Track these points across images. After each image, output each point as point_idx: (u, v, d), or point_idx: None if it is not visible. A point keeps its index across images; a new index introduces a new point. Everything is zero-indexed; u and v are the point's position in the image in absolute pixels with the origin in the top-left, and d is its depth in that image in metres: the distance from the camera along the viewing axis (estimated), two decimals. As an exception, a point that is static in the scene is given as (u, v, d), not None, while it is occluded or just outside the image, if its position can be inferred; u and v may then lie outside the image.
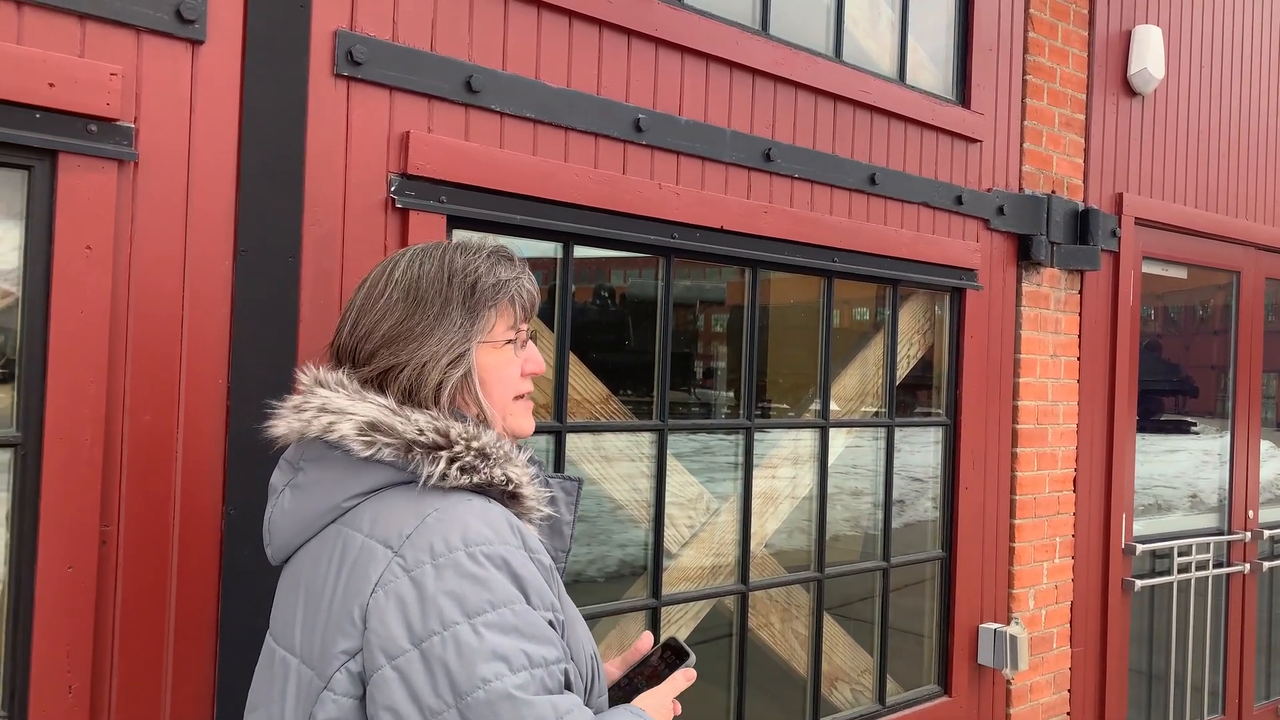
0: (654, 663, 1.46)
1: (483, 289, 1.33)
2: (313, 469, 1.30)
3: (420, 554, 1.15)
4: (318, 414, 1.26)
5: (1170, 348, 4.97)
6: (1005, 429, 3.61)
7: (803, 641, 3.06)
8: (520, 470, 1.29)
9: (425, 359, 1.29)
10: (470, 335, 1.32)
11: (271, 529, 1.35)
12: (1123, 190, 4.01)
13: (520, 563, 1.18)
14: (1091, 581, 3.92)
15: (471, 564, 1.14)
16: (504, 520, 1.22)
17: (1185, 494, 4.73)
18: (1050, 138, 3.76)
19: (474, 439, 1.25)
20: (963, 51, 3.46)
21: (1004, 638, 3.38)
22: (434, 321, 1.30)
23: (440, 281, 1.32)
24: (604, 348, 2.72)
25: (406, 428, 1.23)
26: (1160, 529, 4.42)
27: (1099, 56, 3.91)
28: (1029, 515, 3.67)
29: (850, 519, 3.32)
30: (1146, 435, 4.72)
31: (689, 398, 3.03)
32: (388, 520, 1.21)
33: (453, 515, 1.19)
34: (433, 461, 1.21)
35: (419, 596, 1.13)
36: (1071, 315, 3.85)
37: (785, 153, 2.86)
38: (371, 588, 1.15)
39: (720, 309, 3.06)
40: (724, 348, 3.08)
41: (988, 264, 3.53)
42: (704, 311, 3.07)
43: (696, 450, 2.93)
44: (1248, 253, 4.64)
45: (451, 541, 1.16)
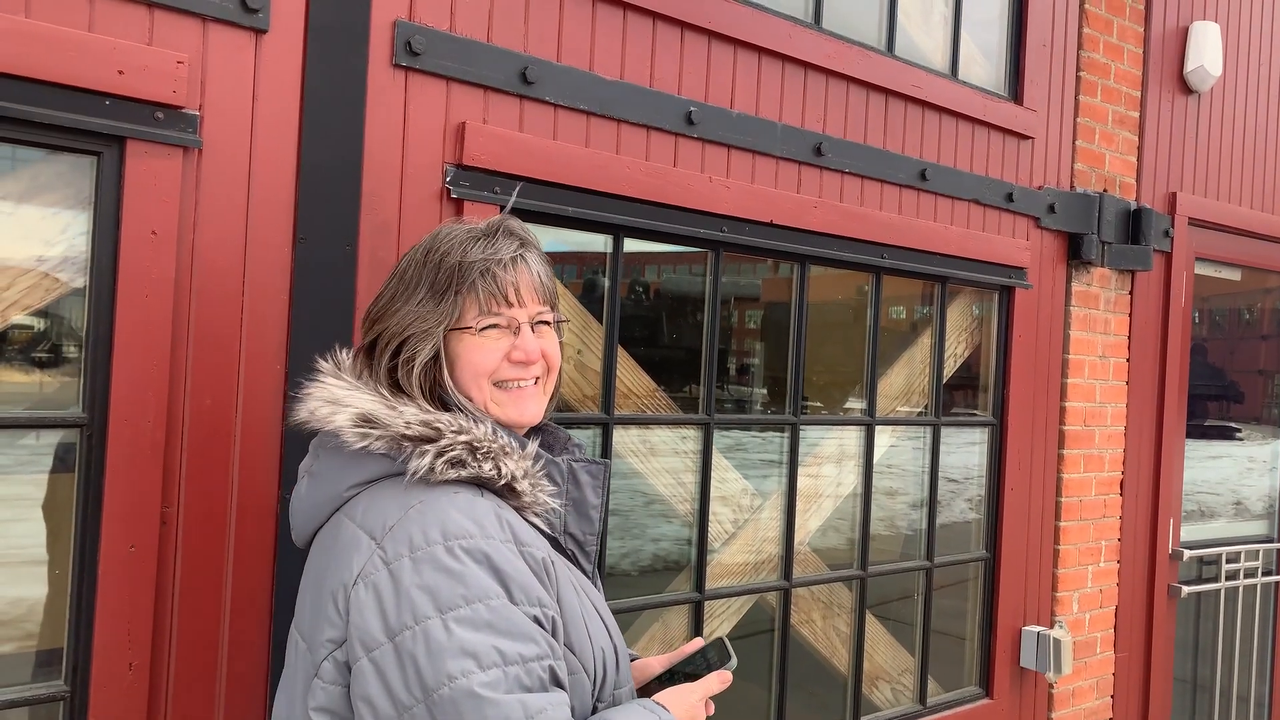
0: (698, 661, 1.44)
1: (447, 270, 1.33)
2: (324, 457, 1.33)
3: (399, 546, 1.16)
4: (321, 404, 1.29)
5: (1216, 352, 4.87)
6: (1052, 430, 3.57)
7: (844, 640, 3.04)
8: (516, 464, 1.27)
9: (396, 332, 1.33)
10: (438, 317, 1.32)
11: (292, 514, 1.40)
12: (1176, 190, 3.94)
13: (503, 557, 1.17)
14: (1137, 586, 3.86)
15: (448, 558, 1.14)
16: (491, 513, 1.20)
17: (1229, 500, 4.64)
18: (1103, 135, 3.70)
19: (463, 432, 1.25)
20: (1016, 47, 3.42)
21: (1047, 641, 3.34)
22: (407, 298, 1.34)
23: (418, 261, 1.37)
24: (651, 342, 2.72)
25: (395, 420, 1.24)
26: (1203, 535, 4.35)
27: (1154, 53, 3.84)
28: (1074, 518, 3.62)
29: (893, 518, 3.30)
30: (1190, 440, 4.64)
31: (734, 393, 3.02)
32: (376, 511, 1.22)
33: (435, 508, 1.18)
34: (420, 455, 1.22)
35: (394, 590, 1.13)
36: (1121, 316, 3.80)
37: (836, 147, 2.84)
38: (354, 578, 1.17)
39: (767, 305, 3.05)
40: (770, 344, 3.07)
41: (1037, 262, 3.48)
42: (751, 307, 3.06)
43: (741, 446, 2.92)
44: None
45: (430, 535, 1.15)
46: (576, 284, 2.51)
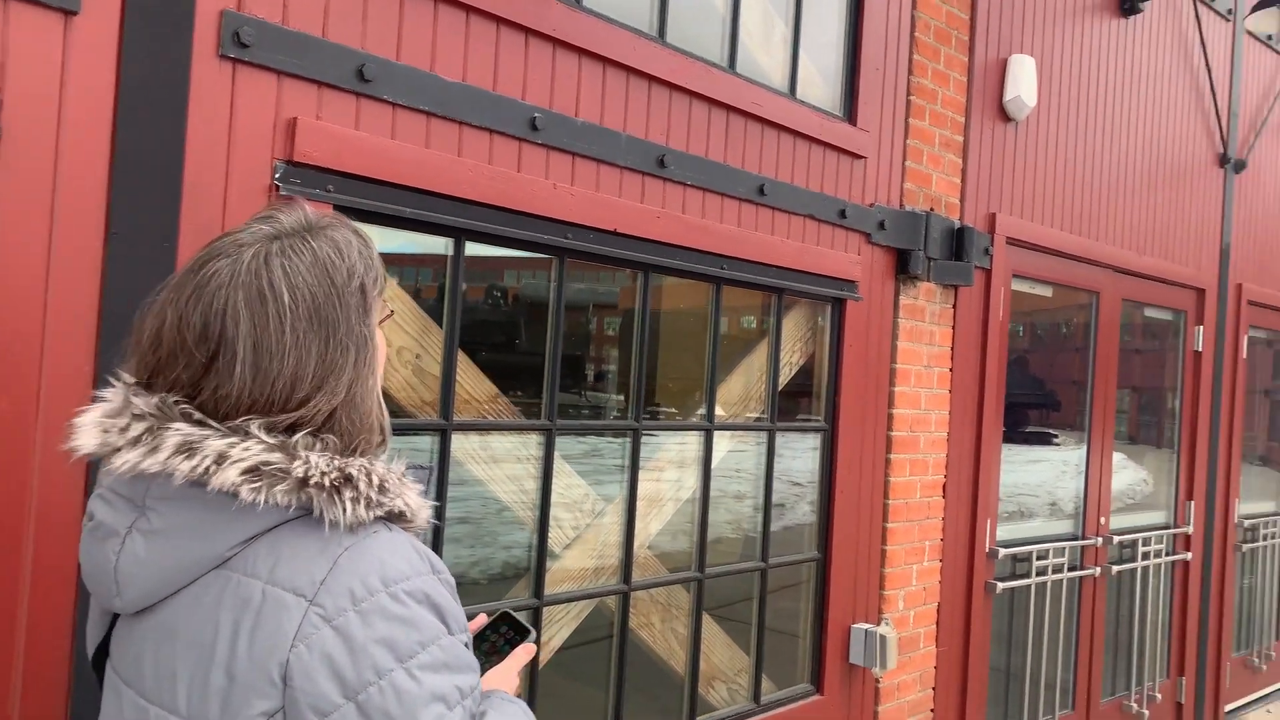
0: (491, 638, 1.44)
1: (370, 286, 1.21)
2: (171, 512, 1.13)
3: (340, 600, 1.08)
4: (179, 454, 1.09)
5: (1036, 363, 5.25)
6: (880, 435, 3.75)
7: (682, 641, 3.10)
8: (414, 496, 1.21)
9: (358, 392, 1.17)
10: (372, 342, 1.21)
11: (120, 579, 1.15)
12: (996, 211, 4.22)
13: (436, 591, 1.14)
14: (957, 584, 4.10)
15: (396, 605, 1.09)
16: (411, 548, 1.16)
17: (1046, 501, 5.00)
18: (931, 157, 3.92)
19: (372, 473, 1.15)
20: (851, 70, 3.58)
21: (874, 637, 3.51)
22: (346, 345, 1.16)
23: (335, 295, 1.17)
24: (494, 347, 2.70)
25: (298, 468, 1.10)
26: (1023, 534, 4.67)
27: (977, 82, 4.10)
28: (901, 519, 3.82)
29: (732, 521, 3.39)
30: (1013, 445, 4.98)
31: (578, 399, 3.04)
32: (293, 565, 1.11)
33: (366, 554, 1.11)
34: (336, 503, 1.11)
35: (348, 647, 1.06)
36: (945, 328, 4.03)
37: (678, 159, 2.90)
38: (290, 643, 1.07)
39: (611, 312, 3.09)
40: (614, 350, 3.10)
41: (868, 276, 3.66)
42: (596, 314, 3.08)
43: (585, 452, 2.94)
44: (1106, 274, 4.94)
45: (371, 584, 1.09)
46: (416, 287, 2.47)
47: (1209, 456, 5.67)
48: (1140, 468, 5.71)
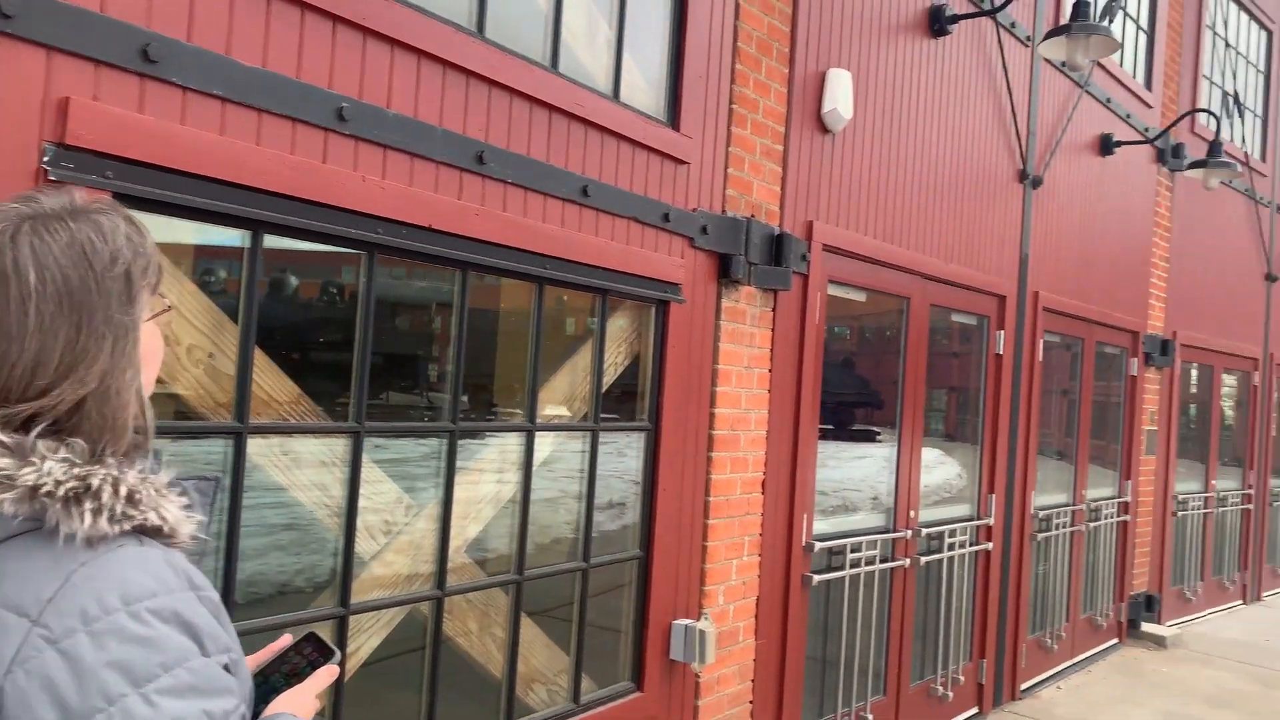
0: (294, 659, 1.39)
1: (139, 275, 1.13)
2: None
3: (69, 620, 0.99)
4: None
5: (863, 364, 5.49)
6: (702, 435, 3.83)
7: (501, 645, 3.07)
8: (174, 510, 1.13)
9: (112, 384, 1.08)
10: (134, 332, 1.13)
11: None
12: (813, 219, 4.38)
13: (191, 610, 1.07)
14: (775, 577, 4.24)
15: (136, 625, 1.01)
16: (164, 563, 1.08)
17: (868, 495, 5.24)
18: (752, 165, 4.03)
19: (119, 483, 1.07)
20: (675, 76, 3.64)
21: (694, 633, 3.58)
22: (103, 332, 1.09)
23: (92, 280, 1.09)
24: (299, 346, 2.59)
25: (27, 475, 1.01)
26: (847, 527, 4.89)
27: (797, 93, 4.25)
28: (721, 516, 3.91)
29: (555, 522, 3.38)
30: (840, 442, 5.20)
31: (392, 400, 2.96)
32: (19, 582, 1.02)
33: (105, 569, 1.03)
34: (73, 515, 1.02)
35: (74, 671, 0.98)
36: (765, 331, 4.16)
37: (498, 157, 2.87)
38: (6, 668, 0.98)
39: (429, 310, 3.02)
40: (431, 350, 3.04)
41: (691, 279, 3.72)
42: (412, 312, 3.01)
43: (400, 455, 2.86)
44: (916, 281, 5.22)
45: (108, 602, 1.01)
46: (207, 281, 2.34)
47: (1008, 452, 6.09)
48: (956, 463, 6.07)
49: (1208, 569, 9.20)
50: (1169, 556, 8.51)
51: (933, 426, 5.95)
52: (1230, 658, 7.62)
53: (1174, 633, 7.96)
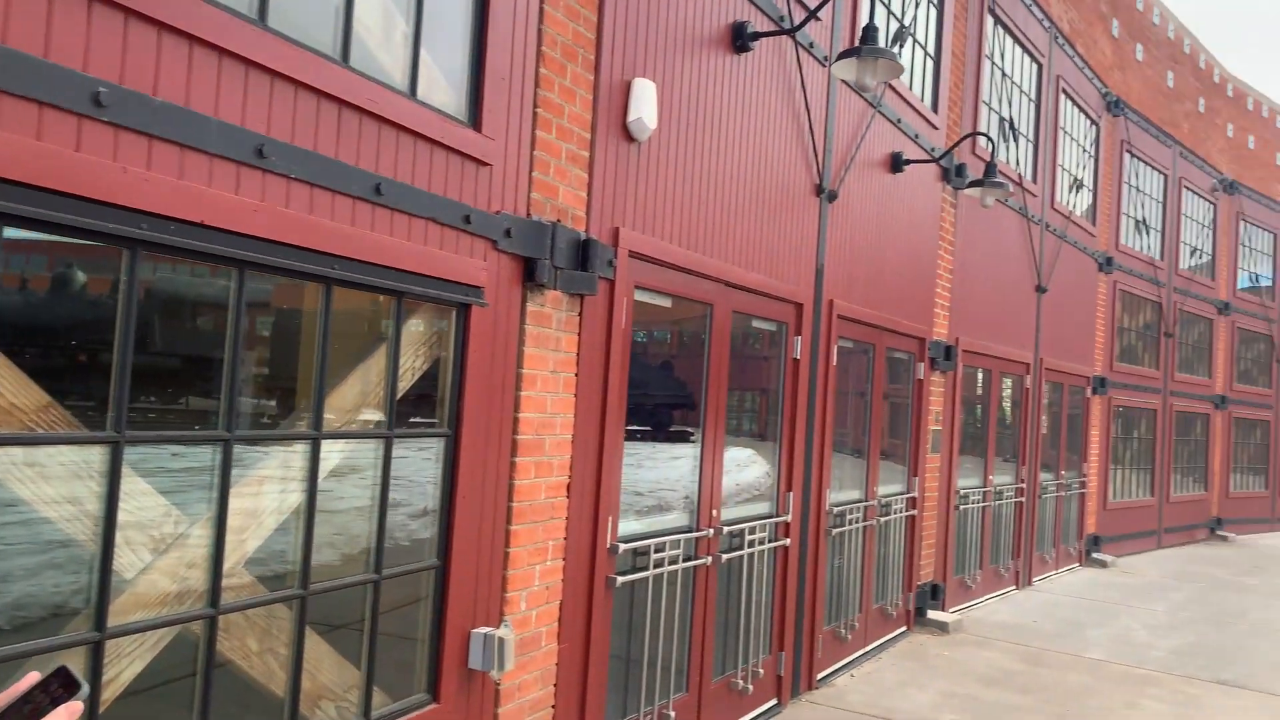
0: (38, 698, 1.27)
1: None
2: None
3: None
4: None
5: (679, 367, 5.59)
6: (505, 440, 3.80)
7: (284, 663, 2.93)
8: None
9: None
10: None
11: None
12: (619, 225, 4.44)
13: None
14: (579, 581, 4.26)
15: None
16: None
17: (682, 495, 5.35)
18: (558, 170, 4.04)
19: None
20: (476, 76, 3.59)
21: (493, 640, 3.54)
22: None
23: None
24: (49, 349, 2.38)
25: None
26: (662, 527, 4.99)
27: (603, 101, 4.29)
28: (525, 521, 3.89)
29: (346, 533, 3.26)
30: (658, 443, 5.29)
31: (161, 407, 2.76)
32: None
33: None
34: None
35: None
36: (571, 335, 4.17)
37: (282, 151, 2.73)
38: None
39: (204, 311, 2.84)
40: (208, 353, 2.85)
41: (494, 283, 3.68)
42: (186, 312, 2.82)
43: (168, 465, 2.67)
44: (719, 288, 5.38)
45: None
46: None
47: (805, 452, 6.38)
48: (766, 462, 6.30)
49: (986, 558, 9.97)
50: (952, 547, 9.16)
51: (744, 426, 6.17)
52: (1003, 639, 8.29)
53: (955, 618, 8.58)
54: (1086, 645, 8.25)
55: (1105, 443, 13.38)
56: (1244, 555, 14.72)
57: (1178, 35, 15.33)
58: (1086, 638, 8.54)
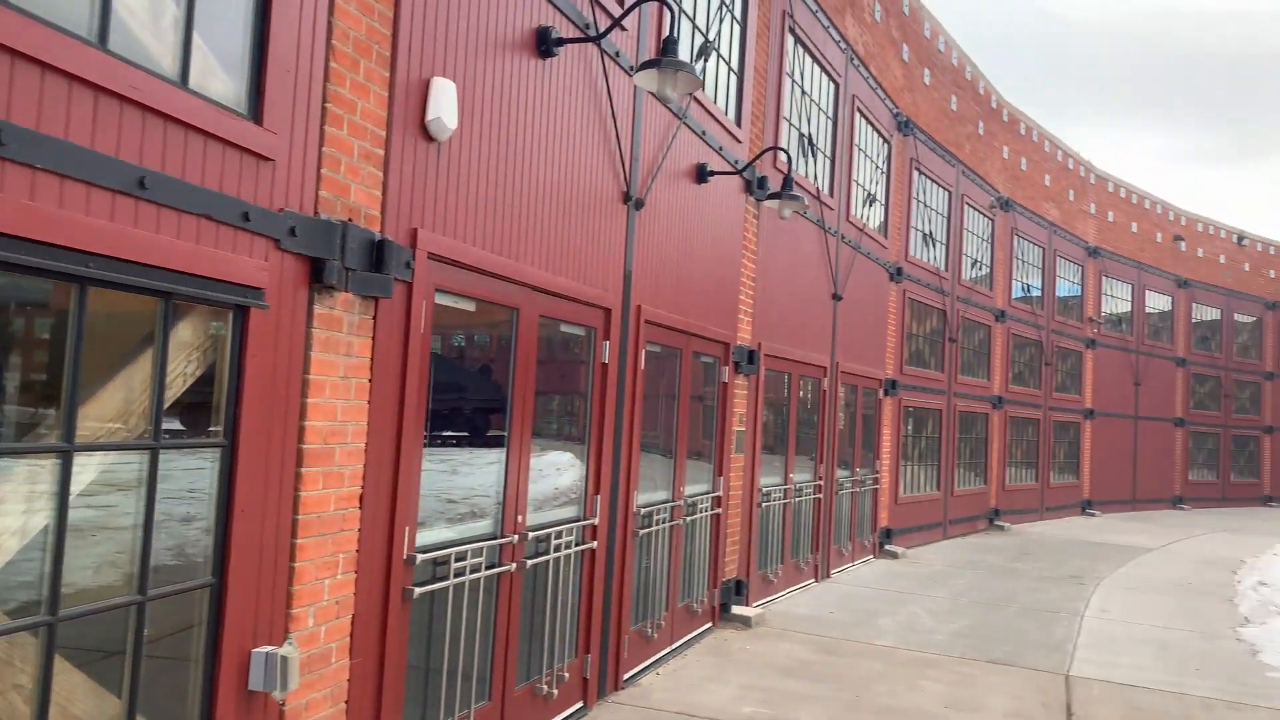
0: None
1: None
2: None
3: None
4: None
5: (491, 372, 5.51)
6: (290, 450, 3.63)
7: (29, 698, 2.67)
8: None
9: None
10: None
11: None
12: (418, 226, 4.33)
13: None
14: (374, 594, 4.13)
15: None
16: None
17: (495, 501, 5.27)
18: (349, 167, 3.90)
19: None
20: (258, 67, 3.42)
21: (275, 660, 3.37)
22: None
23: None
24: None
25: None
26: (474, 534, 4.91)
27: (400, 98, 4.18)
28: (313, 534, 3.73)
29: (106, 552, 3.02)
30: (474, 449, 5.19)
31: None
32: None
33: None
34: None
35: None
36: (365, 339, 4.03)
37: (24, 139, 2.50)
38: None
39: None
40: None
41: (277, 284, 3.51)
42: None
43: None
44: (525, 292, 5.36)
45: None
46: None
47: (613, 455, 6.46)
48: (583, 466, 6.31)
49: (787, 553, 10.42)
50: (755, 544, 9.52)
51: (555, 430, 6.16)
52: (802, 631, 8.69)
53: (758, 613, 8.91)
54: (878, 633, 8.77)
55: (896, 441, 14.29)
56: (1017, 543, 16.08)
57: (960, 62, 16.59)
58: (878, 626, 9.07)
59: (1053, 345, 20.71)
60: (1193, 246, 26.43)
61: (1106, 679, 7.57)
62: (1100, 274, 22.92)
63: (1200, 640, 9.22)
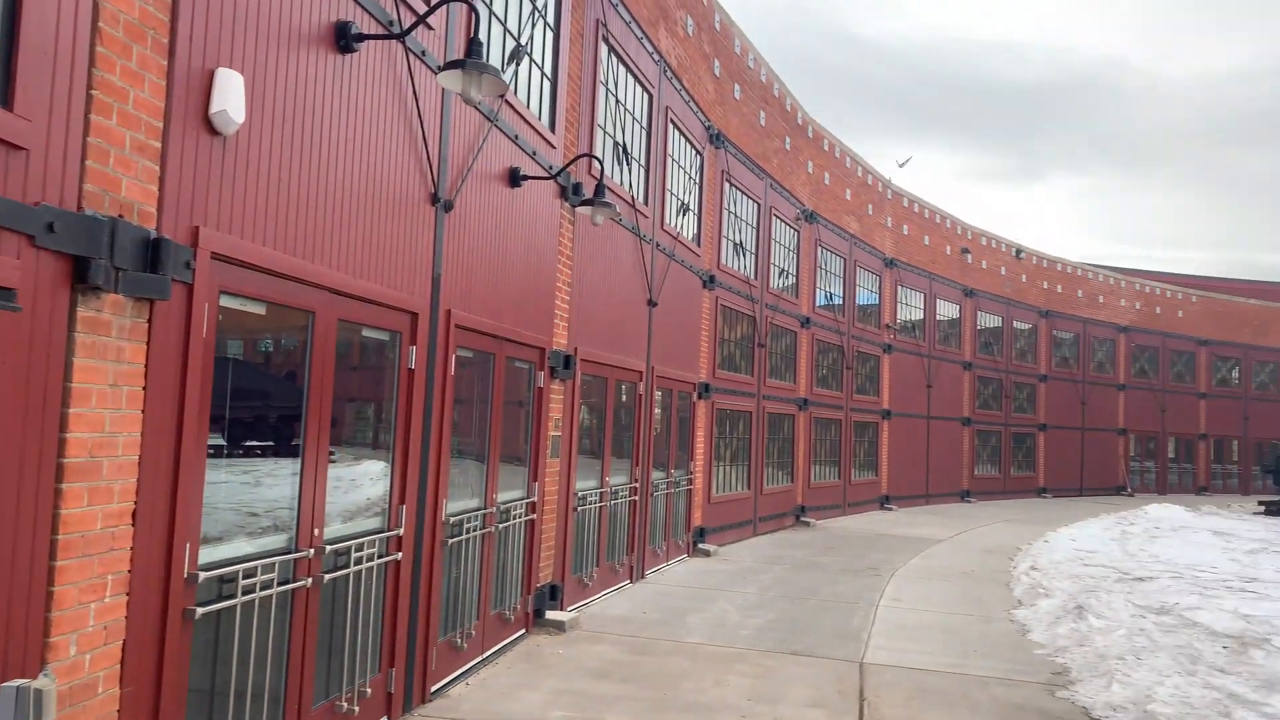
0: None
1: None
2: None
3: None
4: None
5: (288, 379, 5.24)
6: (48, 464, 3.33)
7: None
8: None
9: None
10: None
11: None
12: (200, 224, 4.09)
13: None
14: (149, 617, 3.85)
15: None
16: None
17: (293, 513, 5.01)
18: (120, 160, 3.63)
19: None
20: (7, 48, 3.13)
21: (27, 694, 3.09)
22: None
23: None
24: None
25: None
26: (276, 547, 4.65)
27: (179, 89, 3.93)
28: (75, 555, 3.44)
29: None
30: (280, 460, 4.91)
31: None
32: None
33: None
34: None
35: None
36: (138, 344, 3.76)
37: None
38: None
39: None
40: None
41: (32, 284, 3.22)
42: None
43: None
44: (322, 295, 5.15)
45: None
46: None
47: (420, 463, 6.31)
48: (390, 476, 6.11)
49: (603, 556, 10.52)
50: (570, 548, 9.55)
51: (360, 438, 5.94)
52: (615, 633, 8.79)
53: (572, 616, 8.94)
54: (688, 631, 8.99)
55: (709, 443, 14.72)
56: (822, 538, 16.91)
57: (769, 79, 17.30)
58: (688, 624, 9.30)
59: (853, 350, 21.92)
60: (978, 259, 28.66)
61: (897, 664, 8.07)
62: (896, 283, 24.48)
63: (979, 623, 9.99)
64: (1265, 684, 7.55)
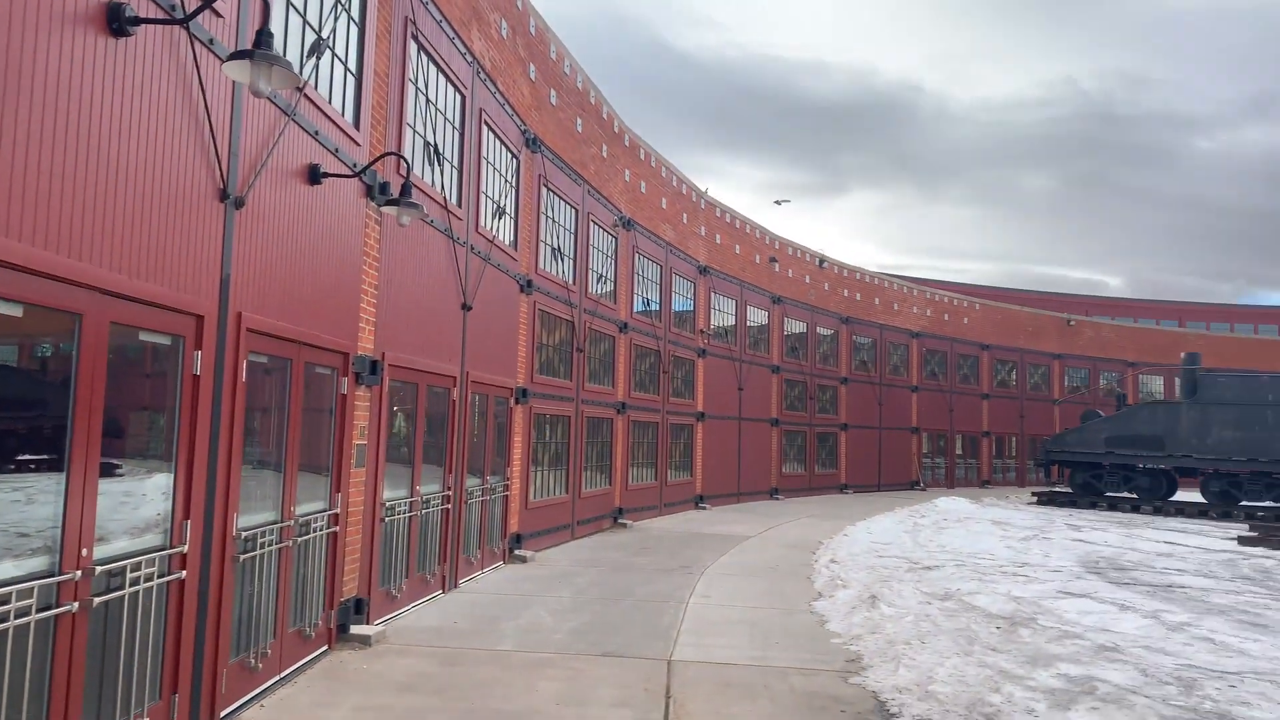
0: None
1: None
2: None
3: None
4: None
5: (58, 386, 4.78)
6: None
7: None
8: None
9: None
10: None
11: None
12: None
13: None
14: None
15: None
16: None
17: (59, 533, 4.59)
18: None
19: None
20: None
21: None
22: None
23: None
24: None
25: None
26: (25, 572, 4.23)
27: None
28: None
29: None
30: (57, 475, 4.47)
31: None
32: None
33: None
34: None
35: None
36: None
37: None
38: None
39: None
40: None
41: None
42: None
43: None
44: (94, 296, 4.76)
45: None
46: None
47: (208, 476, 5.94)
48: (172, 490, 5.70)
49: (413, 566, 10.26)
50: (377, 560, 9.26)
51: (137, 450, 5.51)
52: (424, 645, 8.59)
53: (379, 630, 8.67)
54: (500, 638, 8.90)
55: (527, 448, 14.65)
56: (638, 539, 17.17)
57: (585, 86, 17.44)
58: (501, 631, 9.21)
59: (670, 354, 22.42)
60: (785, 267, 29.99)
61: (704, 660, 8.30)
62: (710, 290, 25.24)
63: (782, 616, 10.43)
64: (1030, 660, 8.28)
